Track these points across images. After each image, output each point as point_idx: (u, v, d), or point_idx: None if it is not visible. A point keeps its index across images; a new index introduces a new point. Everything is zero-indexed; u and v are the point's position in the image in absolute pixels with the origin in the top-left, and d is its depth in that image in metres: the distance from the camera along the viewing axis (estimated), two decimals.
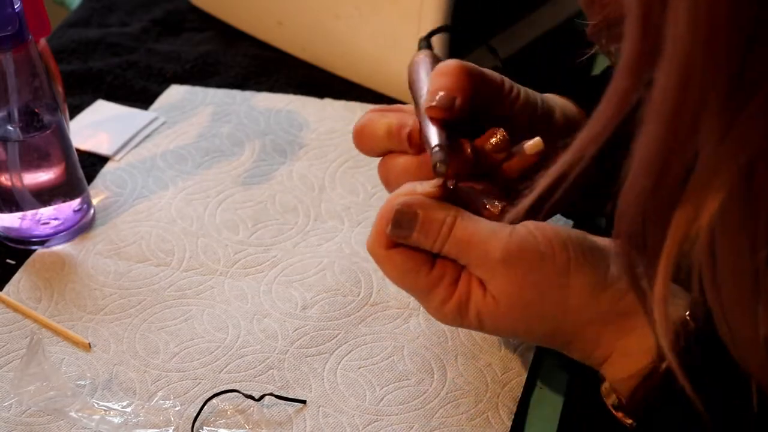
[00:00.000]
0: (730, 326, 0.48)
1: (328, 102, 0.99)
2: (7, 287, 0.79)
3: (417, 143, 0.65)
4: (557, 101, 0.71)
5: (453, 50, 0.92)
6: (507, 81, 0.67)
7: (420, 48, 0.73)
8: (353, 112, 0.97)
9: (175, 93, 1.01)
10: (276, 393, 0.69)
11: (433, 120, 0.63)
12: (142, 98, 1.00)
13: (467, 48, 0.93)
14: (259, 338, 0.74)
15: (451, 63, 0.65)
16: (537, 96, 0.68)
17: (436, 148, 0.61)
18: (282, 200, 0.87)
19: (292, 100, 0.99)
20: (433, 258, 0.61)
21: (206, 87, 1.01)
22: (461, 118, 0.64)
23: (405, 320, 0.75)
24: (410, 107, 0.68)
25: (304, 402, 0.69)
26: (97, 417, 0.68)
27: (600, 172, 0.51)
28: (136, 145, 0.94)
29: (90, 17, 1.13)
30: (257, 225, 0.85)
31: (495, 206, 0.61)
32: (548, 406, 0.70)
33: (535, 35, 1.02)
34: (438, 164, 0.60)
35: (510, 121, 0.66)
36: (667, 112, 0.43)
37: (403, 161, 0.67)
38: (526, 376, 0.71)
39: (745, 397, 0.52)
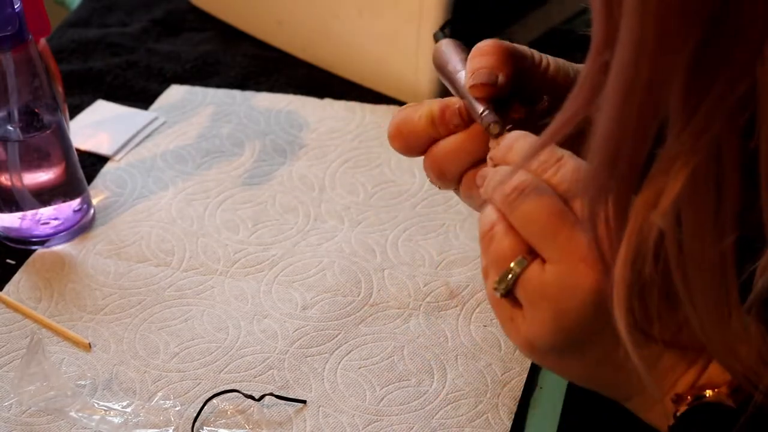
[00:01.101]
0: (697, 310, 0.48)
1: (328, 102, 0.99)
2: (7, 287, 0.79)
3: (467, 116, 0.63)
4: (580, 66, 0.71)
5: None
6: (536, 53, 0.66)
7: (438, 39, 0.72)
8: (353, 112, 0.97)
9: (175, 93, 1.01)
10: (276, 393, 0.69)
11: (478, 99, 0.62)
12: (142, 98, 1.00)
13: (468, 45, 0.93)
14: (259, 338, 0.74)
15: (489, 42, 0.64)
16: (567, 64, 0.67)
17: (485, 112, 0.60)
18: (282, 200, 0.87)
19: (292, 100, 0.99)
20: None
21: (206, 87, 1.01)
22: (502, 94, 0.63)
23: (405, 320, 0.75)
24: (436, 100, 0.68)
25: (304, 402, 0.69)
26: (97, 417, 0.68)
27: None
28: (136, 145, 0.94)
29: (90, 17, 1.13)
30: (257, 225, 0.85)
31: None
32: (548, 406, 0.70)
33: (535, 35, 1.02)
34: (491, 126, 0.59)
35: (544, 91, 0.65)
36: (619, 90, 0.44)
37: (453, 141, 0.63)
38: (526, 376, 0.71)
39: None
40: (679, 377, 0.54)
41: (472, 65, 0.63)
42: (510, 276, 0.53)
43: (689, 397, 0.53)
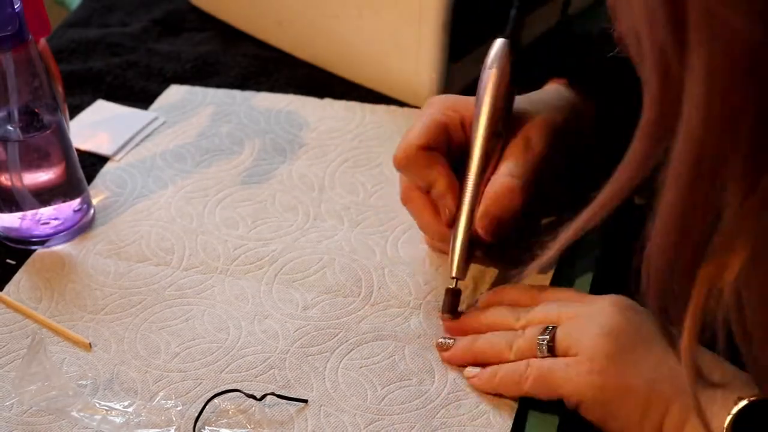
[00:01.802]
0: (762, 378, 0.49)
1: (328, 102, 0.99)
2: (8, 287, 0.79)
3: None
4: (544, 99, 0.73)
5: (453, 51, 0.92)
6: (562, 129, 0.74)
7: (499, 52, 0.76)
8: (353, 112, 0.97)
9: (175, 93, 1.01)
10: (277, 392, 0.69)
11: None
12: (142, 98, 1.00)
13: (466, 49, 0.93)
14: (260, 338, 0.74)
15: (506, 189, 0.71)
16: (532, 103, 0.73)
17: (452, 279, 0.73)
18: (282, 200, 0.87)
19: (292, 100, 0.99)
20: None
21: (206, 87, 1.01)
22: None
23: (406, 319, 0.75)
24: (467, 117, 0.75)
25: (305, 401, 0.69)
26: (98, 417, 0.68)
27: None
28: (136, 145, 0.94)
29: (90, 17, 1.13)
30: (257, 221, 0.85)
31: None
32: (549, 406, 0.70)
33: (535, 35, 1.02)
34: (444, 315, 0.73)
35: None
36: (684, 176, 0.44)
37: (428, 219, 0.76)
38: None
39: None
40: None
41: (487, 204, 0.72)
42: (549, 329, 0.67)
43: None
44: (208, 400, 0.69)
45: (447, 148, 0.74)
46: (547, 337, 0.66)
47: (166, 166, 0.91)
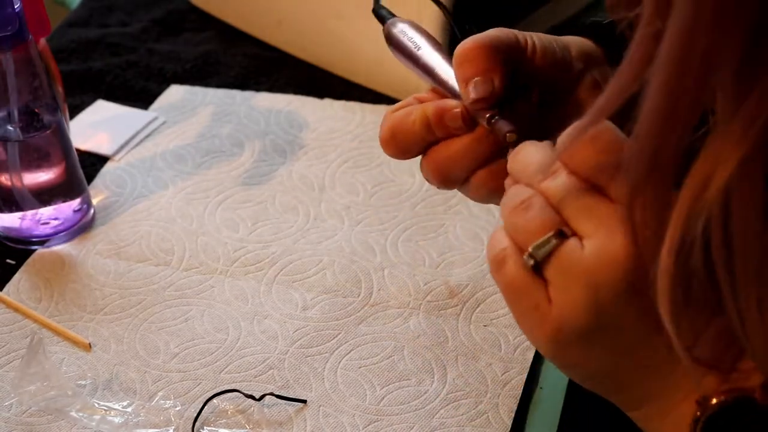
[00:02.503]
0: (738, 304, 0.46)
1: (328, 102, 0.99)
2: (7, 287, 0.79)
3: (472, 122, 0.60)
4: (571, 39, 0.66)
5: (452, 51, 0.92)
6: (521, 35, 0.63)
7: (382, 17, 0.69)
8: (353, 112, 0.97)
9: (175, 93, 1.01)
10: (276, 393, 0.69)
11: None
12: (142, 98, 1.00)
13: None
14: (259, 339, 0.74)
15: (470, 44, 0.60)
16: (551, 39, 0.64)
17: (496, 118, 0.58)
18: (282, 200, 0.87)
19: (292, 100, 0.99)
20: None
21: (206, 87, 1.01)
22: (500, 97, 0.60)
23: (405, 320, 0.75)
24: (425, 95, 0.65)
25: (304, 402, 0.69)
26: (97, 417, 0.68)
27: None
28: (136, 145, 0.94)
29: (90, 17, 1.13)
30: (257, 224, 0.85)
31: None
32: (548, 406, 0.70)
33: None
34: (507, 135, 0.57)
35: (533, 77, 0.63)
36: (672, 66, 0.42)
37: (459, 146, 0.61)
38: (526, 376, 0.71)
39: None
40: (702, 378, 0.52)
41: (463, 74, 0.60)
42: (548, 245, 0.50)
43: (719, 397, 0.51)
44: (207, 400, 0.69)
45: None
46: (547, 249, 0.51)
47: (166, 167, 0.91)
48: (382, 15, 0.68)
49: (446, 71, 0.63)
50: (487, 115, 0.59)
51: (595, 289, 0.49)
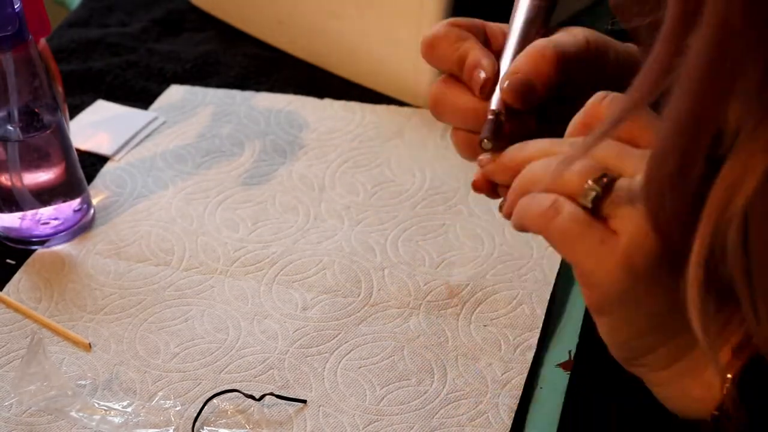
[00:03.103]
0: (758, 317, 0.46)
1: (328, 102, 0.99)
2: (7, 287, 0.79)
3: (486, 93, 0.61)
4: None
5: None
6: (592, 44, 0.63)
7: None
8: (353, 112, 0.97)
9: (175, 93, 1.01)
10: (276, 393, 0.69)
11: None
12: (142, 98, 1.00)
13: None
14: (259, 339, 0.74)
15: (547, 51, 0.61)
16: (626, 49, 0.65)
17: (491, 115, 0.59)
18: (282, 200, 0.87)
19: (292, 100, 0.99)
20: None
21: (206, 87, 1.01)
22: (535, 102, 0.61)
23: (405, 320, 0.75)
24: (491, 29, 0.65)
25: (304, 402, 0.69)
26: (97, 417, 0.68)
27: None
28: (136, 145, 0.94)
29: (90, 17, 1.13)
30: (257, 224, 0.85)
31: None
32: (548, 406, 0.70)
33: None
34: (484, 140, 0.58)
35: (596, 83, 0.61)
36: (700, 76, 0.42)
37: (461, 100, 0.62)
38: (526, 376, 0.71)
39: None
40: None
41: (517, 63, 0.61)
42: (601, 184, 0.50)
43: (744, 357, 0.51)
44: (207, 400, 0.69)
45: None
46: (598, 188, 0.51)
47: (167, 167, 0.91)
48: None
49: (510, 47, 0.63)
50: (492, 107, 0.59)
51: (655, 216, 0.49)
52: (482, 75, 0.61)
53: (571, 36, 0.63)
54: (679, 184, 0.46)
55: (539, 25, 0.65)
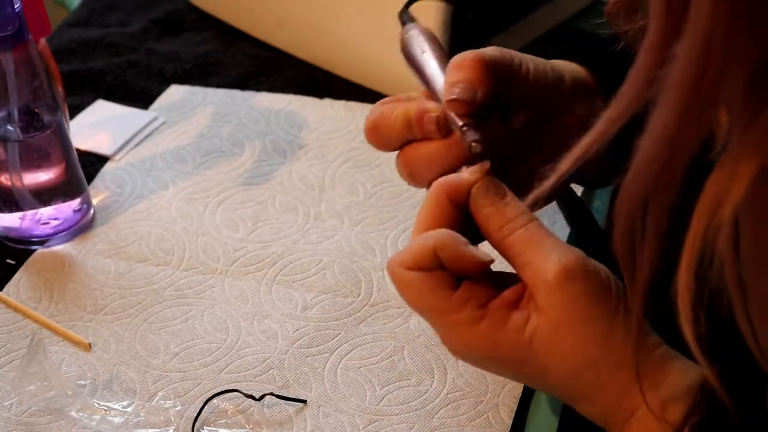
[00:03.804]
0: (751, 322, 0.46)
1: (328, 102, 0.99)
2: (7, 287, 0.79)
3: (446, 128, 0.62)
4: (565, 66, 0.68)
5: (452, 51, 0.92)
6: (517, 58, 0.64)
7: (404, 22, 0.70)
8: (353, 112, 0.97)
9: (175, 93, 1.01)
10: (276, 393, 0.69)
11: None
12: (142, 98, 1.00)
13: (466, 49, 0.93)
14: (259, 339, 0.74)
15: (469, 55, 0.62)
16: (546, 65, 0.66)
17: (466, 128, 0.59)
18: (282, 200, 0.87)
19: (292, 100, 0.99)
20: (456, 283, 0.57)
21: (206, 87, 1.01)
22: (480, 110, 0.61)
23: (405, 320, 0.75)
24: (416, 94, 0.66)
25: (304, 402, 0.69)
26: (97, 417, 0.68)
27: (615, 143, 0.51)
28: (136, 145, 0.94)
29: (90, 17, 1.13)
30: (257, 224, 0.85)
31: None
32: (548, 406, 0.70)
33: (535, 35, 1.02)
34: (473, 145, 0.58)
35: (523, 99, 0.64)
36: (685, 87, 0.42)
37: (428, 149, 0.63)
38: None
39: None
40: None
41: (451, 78, 0.62)
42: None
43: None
44: (207, 400, 0.69)
45: None
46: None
47: (167, 167, 0.91)
48: (403, 21, 0.70)
49: (439, 78, 0.64)
50: (461, 123, 0.59)
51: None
52: (432, 114, 0.62)
53: (490, 48, 0.64)
54: (661, 194, 0.46)
55: (441, 49, 0.67)
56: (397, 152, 0.65)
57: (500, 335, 0.55)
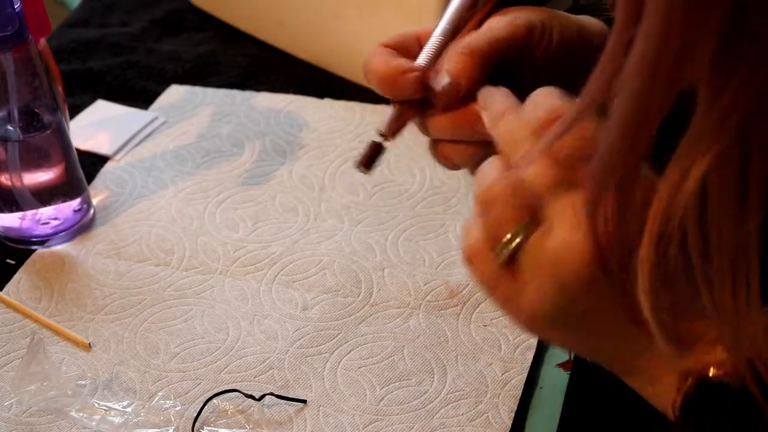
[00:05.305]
0: (713, 295, 0.47)
1: (328, 102, 0.99)
2: (7, 287, 0.79)
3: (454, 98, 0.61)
4: (594, 27, 0.66)
5: None
6: (537, 29, 0.62)
7: None
8: (353, 112, 0.97)
9: (175, 93, 1.01)
10: (276, 393, 0.69)
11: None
12: (142, 98, 1.00)
13: None
14: (259, 339, 0.74)
15: (465, 49, 0.61)
16: (574, 28, 0.64)
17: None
18: (282, 200, 0.87)
19: (292, 100, 0.99)
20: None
21: (206, 87, 1.01)
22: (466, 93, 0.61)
23: (405, 320, 0.75)
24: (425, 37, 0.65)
25: (304, 402, 0.69)
26: (97, 417, 0.68)
27: None
28: (136, 145, 0.94)
29: (90, 17, 1.13)
30: (257, 224, 0.85)
31: None
32: (548, 406, 0.70)
33: None
34: (359, 163, 0.60)
35: (546, 63, 0.63)
36: (646, 63, 0.43)
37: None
38: (526, 376, 0.71)
39: None
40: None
41: (446, 64, 0.61)
42: (515, 242, 0.51)
43: (694, 377, 0.52)
44: (207, 400, 0.69)
45: None
46: (510, 248, 0.52)
47: (167, 167, 0.91)
48: None
49: (435, 36, 0.63)
50: (380, 132, 0.60)
51: (559, 280, 0.50)
52: (412, 74, 0.61)
53: (507, 22, 0.62)
54: (627, 170, 0.47)
55: (473, 10, 0.64)
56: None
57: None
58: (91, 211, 0.85)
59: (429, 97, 0.61)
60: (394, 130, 0.62)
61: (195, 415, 0.68)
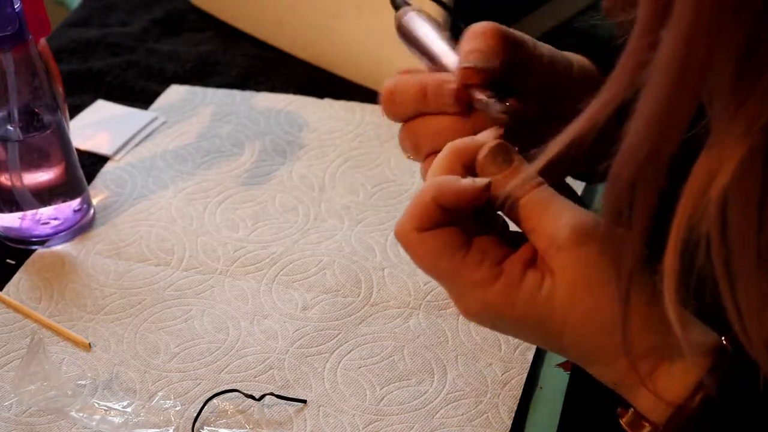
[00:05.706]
0: (738, 307, 0.46)
1: (328, 102, 0.99)
2: (7, 287, 0.79)
3: (464, 101, 0.60)
4: (573, 55, 0.67)
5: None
6: (530, 40, 0.63)
7: (397, 6, 0.70)
8: (353, 112, 0.97)
9: (175, 93, 1.01)
10: (276, 393, 0.69)
11: (471, 84, 0.60)
12: (142, 98, 1.00)
13: None
14: (259, 339, 0.74)
15: (485, 24, 0.61)
16: (556, 51, 0.65)
17: (493, 100, 0.58)
18: (282, 200, 0.87)
19: (292, 100, 0.99)
20: (469, 241, 0.56)
21: (206, 87, 1.01)
22: (494, 81, 0.60)
23: (405, 320, 0.75)
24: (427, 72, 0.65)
25: (304, 402, 0.69)
26: (97, 417, 0.68)
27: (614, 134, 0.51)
28: (136, 145, 0.94)
29: (90, 17, 1.13)
30: (257, 224, 0.85)
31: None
32: (548, 406, 0.70)
33: (534, 36, 1.02)
34: (500, 115, 0.57)
35: (532, 78, 0.63)
36: (673, 68, 0.43)
37: (438, 122, 0.61)
38: (526, 376, 0.71)
39: None
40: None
41: (467, 47, 0.60)
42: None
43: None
44: (207, 400, 0.69)
45: None
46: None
47: (167, 167, 0.91)
48: (396, 3, 0.69)
49: (448, 53, 0.63)
50: (484, 95, 0.59)
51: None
52: (451, 86, 0.60)
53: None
54: (649, 177, 0.46)
55: (442, 28, 0.65)
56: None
57: (517, 293, 0.54)
58: (91, 211, 0.85)
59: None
60: None
61: (195, 415, 0.68)
